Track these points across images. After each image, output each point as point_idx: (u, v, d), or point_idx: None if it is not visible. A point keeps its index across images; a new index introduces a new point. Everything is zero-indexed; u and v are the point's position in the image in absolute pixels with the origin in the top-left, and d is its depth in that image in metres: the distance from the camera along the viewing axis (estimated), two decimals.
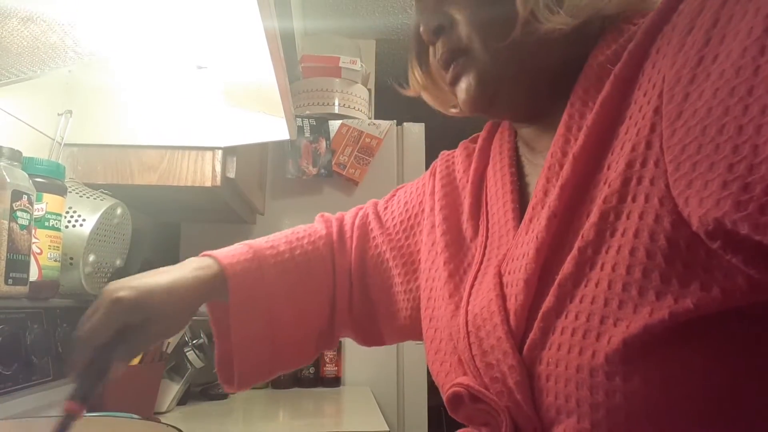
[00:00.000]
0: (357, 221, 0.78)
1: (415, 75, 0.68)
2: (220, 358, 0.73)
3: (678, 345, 0.40)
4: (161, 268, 0.65)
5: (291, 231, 0.78)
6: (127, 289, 0.59)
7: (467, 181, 0.65)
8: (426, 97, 0.68)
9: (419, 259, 0.71)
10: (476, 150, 0.66)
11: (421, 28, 0.59)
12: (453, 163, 0.71)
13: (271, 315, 0.70)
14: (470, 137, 0.71)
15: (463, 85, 0.57)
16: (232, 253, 0.70)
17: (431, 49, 0.64)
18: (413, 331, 0.71)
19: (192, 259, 0.69)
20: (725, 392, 0.40)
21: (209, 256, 0.69)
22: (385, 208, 0.79)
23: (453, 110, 0.68)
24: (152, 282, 0.61)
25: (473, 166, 0.65)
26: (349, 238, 0.78)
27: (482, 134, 0.68)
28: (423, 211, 0.73)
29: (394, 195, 0.80)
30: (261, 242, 0.74)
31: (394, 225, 0.75)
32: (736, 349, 0.40)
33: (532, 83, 0.56)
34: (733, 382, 0.40)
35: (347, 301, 0.77)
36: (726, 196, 0.35)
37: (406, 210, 0.75)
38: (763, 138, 0.33)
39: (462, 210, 0.65)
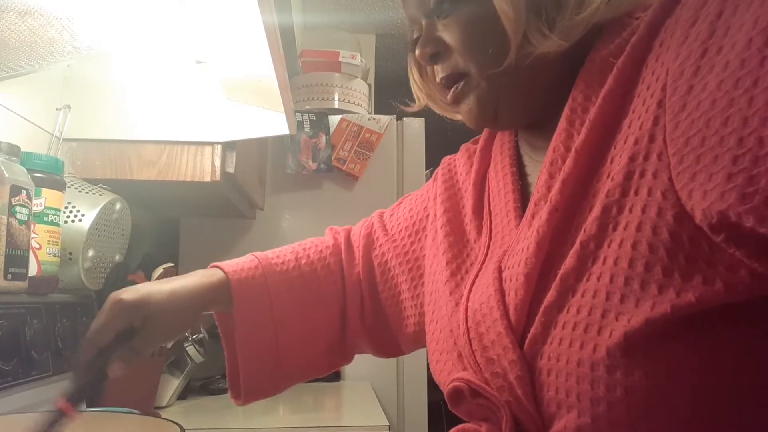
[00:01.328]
0: (363, 231, 0.79)
1: (418, 88, 0.68)
2: (230, 372, 0.74)
3: (680, 339, 0.40)
4: (171, 278, 0.67)
5: (299, 243, 0.79)
6: (129, 291, 0.62)
7: (469, 183, 0.65)
8: (433, 106, 0.69)
9: (425, 265, 0.71)
10: (477, 151, 0.67)
11: (417, 53, 0.59)
12: (454, 166, 0.71)
13: (275, 323, 0.70)
14: (471, 139, 0.71)
15: (465, 108, 0.58)
16: (238, 262, 0.72)
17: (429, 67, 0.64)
18: (424, 337, 0.70)
19: (200, 270, 0.70)
20: (727, 386, 0.40)
21: (216, 266, 0.71)
22: (391, 215, 0.79)
23: (459, 116, 0.68)
24: (155, 287, 0.64)
25: (475, 166, 0.65)
26: (357, 248, 0.78)
27: (483, 135, 0.68)
28: (427, 216, 0.73)
29: (400, 203, 0.80)
30: (268, 253, 0.75)
31: (399, 232, 0.76)
32: (739, 342, 0.40)
33: (531, 98, 0.56)
34: (735, 375, 0.40)
35: (359, 312, 0.76)
36: (731, 189, 0.35)
37: (411, 216, 0.76)
38: None
39: (464, 211, 0.65)
